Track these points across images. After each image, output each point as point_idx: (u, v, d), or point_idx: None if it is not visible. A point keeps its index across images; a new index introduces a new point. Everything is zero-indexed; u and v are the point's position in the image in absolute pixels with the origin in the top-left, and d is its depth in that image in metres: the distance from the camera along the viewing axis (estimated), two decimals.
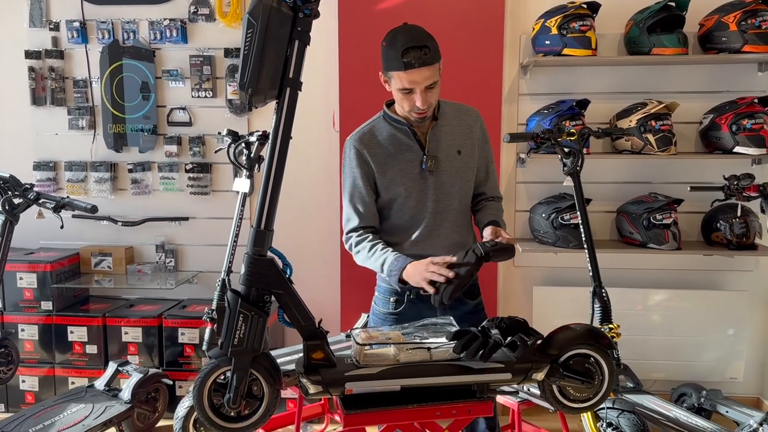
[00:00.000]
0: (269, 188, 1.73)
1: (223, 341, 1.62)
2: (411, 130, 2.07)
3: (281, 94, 1.65)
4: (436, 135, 2.08)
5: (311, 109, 3.50)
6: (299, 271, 3.64)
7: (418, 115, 2.01)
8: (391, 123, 2.10)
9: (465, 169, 2.11)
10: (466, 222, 2.16)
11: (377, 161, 2.07)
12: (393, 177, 2.07)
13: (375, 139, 2.09)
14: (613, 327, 2.41)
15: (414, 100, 1.96)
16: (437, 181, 2.07)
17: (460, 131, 2.11)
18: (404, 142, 2.07)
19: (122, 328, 3.40)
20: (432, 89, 1.96)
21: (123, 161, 3.67)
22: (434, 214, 2.08)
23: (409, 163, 2.07)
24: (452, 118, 2.12)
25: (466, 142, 2.11)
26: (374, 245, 2.04)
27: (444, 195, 2.09)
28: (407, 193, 2.07)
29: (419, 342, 1.79)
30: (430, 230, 2.08)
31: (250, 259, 1.66)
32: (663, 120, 3.15)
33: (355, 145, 2.10)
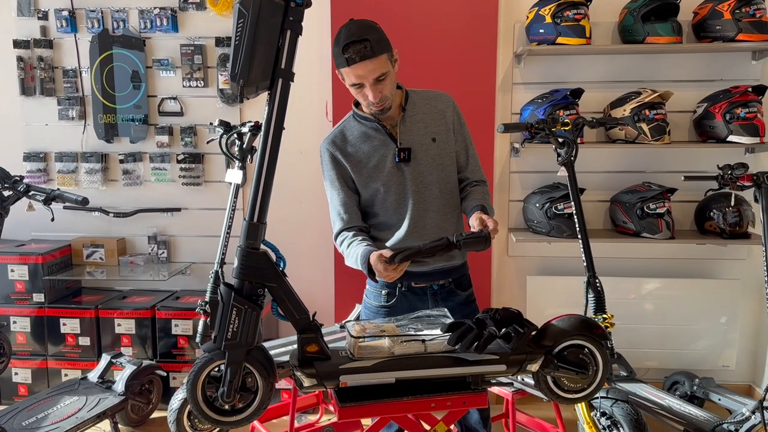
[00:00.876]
0: (262, 180, 1.72)
1: (217, 335, 1.62)
2: (380, 124, 2.07)
3: (273, 85, 1.63)
4: (406, 125, 2.07)
5: (304, 100, 3.48)
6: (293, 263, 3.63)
7: (375, 108, 2.00)
8: (360, 121, 2.10)
9: (442, 156, 2.10)
10: (452, 209, 2.14)
11: (351, 161, 2.08)
12: (369, 174, 2.07)
13: (347, 140, 2.09)
14: (607, 317, 2.41)
15: (366, 94, 1.96)
16: (414, 172, 2.06)
17: (433, 118, 2.10)
18: (376, 138, 2.07)
19: (115, 319, 3.38)
20: (382, 81, 1.94)
21: (114, 152, 3.63)
22: (416, 204, 2.07)
23: (383, 157, 2.06)
24: (422, 106, 2.11)
25: (440, 129, 2.10)
26: (351, 242, 2.03)
27: (423, 185, 2.08)
28: (386, 187, 2.07)
29: (414, 334, 1.79)
30: (416, 222, 2.07)
31: (243, 252, 1.65)
32: (657, 109, 3.15)
33: (328, 148, 2.11)
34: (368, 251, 1.93)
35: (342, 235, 2.10)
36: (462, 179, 2.18)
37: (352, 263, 2.02)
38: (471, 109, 2.21)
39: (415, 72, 3.23)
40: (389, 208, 2.08)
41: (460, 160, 2.16)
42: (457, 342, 1.69)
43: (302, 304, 1.70)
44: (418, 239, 2.04)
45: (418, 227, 2.06)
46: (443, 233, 2.06)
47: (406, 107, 2.08)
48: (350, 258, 2.02)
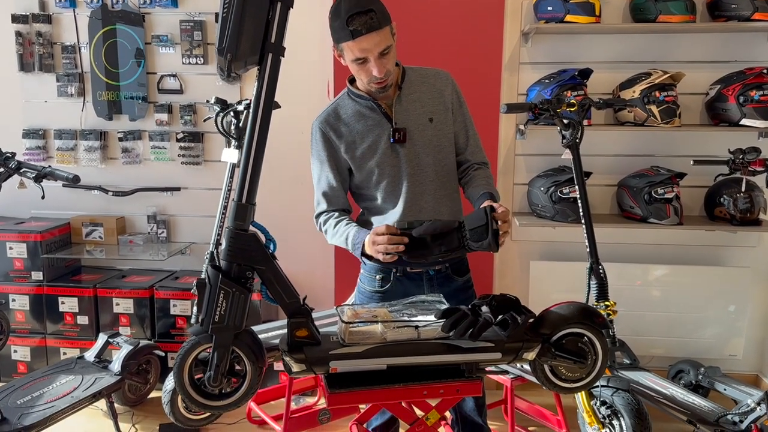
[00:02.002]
0: (251, 160, 1.69)
1: (204, 317, 1.59)
2: (375, 103, 1.98)
3: (263, 60, 1.57)
4: (403, 105, 1.99)
5: (306, 78, 3.42)
6: (293, 243, 3.67)
7: (377, 85, 1.91)
8: (355, 99, 2.02)
9: (440, 137, 2.02)
10: (450, 192, 2.06)
11: (345, 140, 2.00)
12: (363, 154, 2.00)
13: (340, 119, 2.01)
14: (610, 304, 2.35)
15: (370, 69, 1.86)
16: (409, 153, 1.99)
17: (430, 97, 2.01)
18: (370, 117, 1.99)
19: (113, 299, 3.36)
20: (386, 55, 1.85)
21: (113, 129, 3.59)
22: (411, 187, 2.00)
23: (378, 138, 1.98)
24: (419, 84, 2.02)
25: (437, 108, 2.01)
26: (339, 221, 2.00)
27: (418, 167, 2.00)
28: (380, 169, 2.00)
29: (407, 320, 1.74)
30: (410, 205, 2.00)
31: (231, 234, 1.62)
32: (667, 91, 3.05)
33: (320, 127, 2.03)
34: (364, 233, 1.88)
35: (326, 214, 2.06)
36: (462, 161, 2.11)
37: (339, 242, 1.98)
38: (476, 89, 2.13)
39: (417, 50, 3.17)
40: (383, 190, 2.02)
41: (459, 141, 2.09)
42: (451, 329, 1.64)
43: (292, 288, 1.67)
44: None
45: (413, 211, 2.00)
46: (440, 218, 2.00)
47: (402, 85, 2.00)
48: (337, 236, 1.98)
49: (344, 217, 2.02)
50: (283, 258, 3.58)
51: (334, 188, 2.04)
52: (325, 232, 2.05)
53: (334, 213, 2.03)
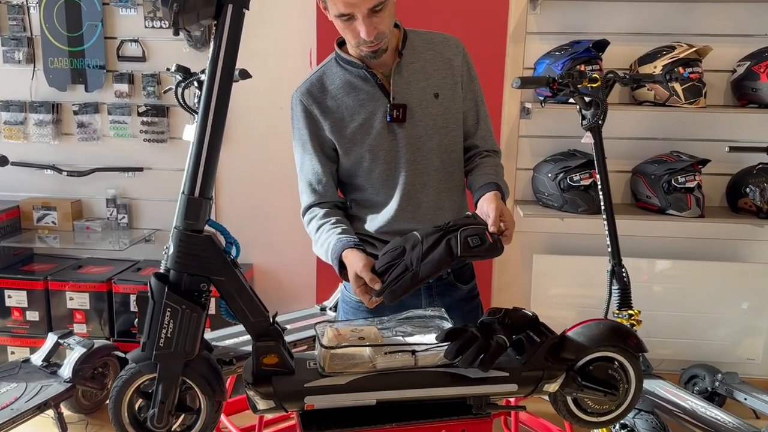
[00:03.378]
0: (205, 142, 1.34)
1: (146, 341, 1.27)
2: (369, 72, 1.62)
3: (220, 12, 1.23)
4: (403, 76, 1.63)
5: (285, 47, 3.10)
6: (271, 234, 3.34)
7: (367, 49, 1.55)
8: (344, 66, 1.65)
9: (446, 117, 1.67)
10: (455, 184, 1.72)
11: (331, 118, 1.64)
12: (352, 136, 1.64)
13: (325, 90, 1.65)
14: (634, 313, 2.04)
15: (357, 29, 1.51)
16: (409, 136, 1.63)
17: (436, 68, 1.66)
18: (362, 89, 1.63)
19: (67, 293, 3.01)
20: (379, 12, 1.49)
21: (68, 102, 3.21)
22: (410, 177, 1.65)
23: (371, 115, 1.62)
24: (424, 51, 1.67)
25: (445, 82, 1.66)
26: (321, 225, 1.63)
27: (420, 152, 1.65)
28: (372, 154, 1.64)
29: (401, 343, 1.42)
30: (408, 199, 1.65)
31: (180, 236, 1.30)
32: (693, 67, 2.77)
33: (301, 99, 1.66)
34: (343, 245, 1.53)
35: (312, 211, 1.69)
36: (469, 147, 1.76)
37: (321, 253, 1.62)
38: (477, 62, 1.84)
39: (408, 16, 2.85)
40: (376, 180, 1.67)
41: (468, 123, 1.73)
42: (457, 355, 1.33)
43: (258, 303, 1.35)
44: (411, 221, 1.64)
45: (411, 206, 1.65)
46: (441, 215, 1.66)
47: (403, 52, 1.64)
48: (319, 245, 1.62)
49: (328, 218, 1.65)
50: (260, 250, 3.35)
51: (319, 176, 1.68)
52: (311, 237, 1.69)
53: (321, 211, 1.67)
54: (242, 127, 3.15)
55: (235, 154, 3.17)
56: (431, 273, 1.40)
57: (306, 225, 1.70)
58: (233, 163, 3.18)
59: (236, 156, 3.17)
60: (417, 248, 1.41)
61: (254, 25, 3.10)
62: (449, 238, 1.39)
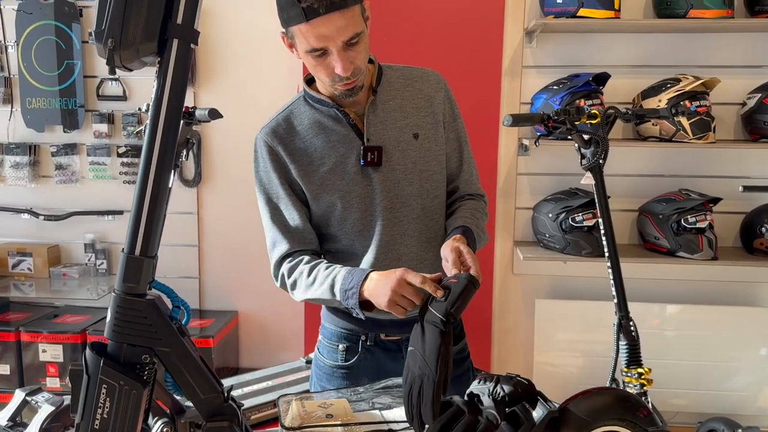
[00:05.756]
0: (147, 192, 1.17)
1: (80, 422, 1.11)
2: (341, 111, 1.47)
3: (164, 48, 1.10)
4: (378, 115, 1.48)
5: (270, 84, 2.98)
6: (256, 280, 3.14)
7: (343, 86, 1.40)
8: (313, 105, 1.50)
9: (427, 159, 1.51)
10: (439, 234, 1.55)
11: (299, 161, 1.48)
12: (322, 181, 1.48)
13: (293, 130, 1.49)
14: (644, 372, 1.84)
15: (331, 65, 1.36)
16: (386, 180, 1.48)
17: (415, 106, 1.52)
18: (333, 130, 1.48)
19: (39, 344, 2.83)
20: (355, 45, 1.35)
21: (45, 143, 3.07)
22: (387, 226, 1.48)
23: (343, 159, 1.47)
24: (401, 87, 1.52)
25: (425, 121, 1.52)
26: (315, 266, 1.44)
27: (398, 199, 1.49)
28: (345, 201, 1.48)
29: (376, 421, 1.24)
30: (387, 251, 1.48)
31: (117, 301, 1.14)
32: (700, 100, 2.61)
33: (266, 140, 1.50)
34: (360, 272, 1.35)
35: (295, 256, 1.49)
36: (451, 191, 1.60)
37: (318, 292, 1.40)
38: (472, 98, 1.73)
39: (401, 51, 2.74)
40: (350, 230, 1.50)
41: (451, 165, 1.58)
42: None
43: (210, 376, 1.18)
44: None
45: (390, 259, 1.48)
46: (424, 268, 1.48)
47: (377, 89, 1.50)
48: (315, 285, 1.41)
49: (321, 261, 1.47)
50: (246, 297, 3.17)
51: (297, 222, 1.50)
52: (291, 286, 1.48)
53: (305, 256, 1.48)
54: (226, 168, 3.00)
55: (218, 196, 3.02)
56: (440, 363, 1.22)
57: (286, 274, 1.48)
58: (216, 206, 3.02)
59: (219, 198, 3.02)
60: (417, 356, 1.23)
61: (238, 61, 2.99)
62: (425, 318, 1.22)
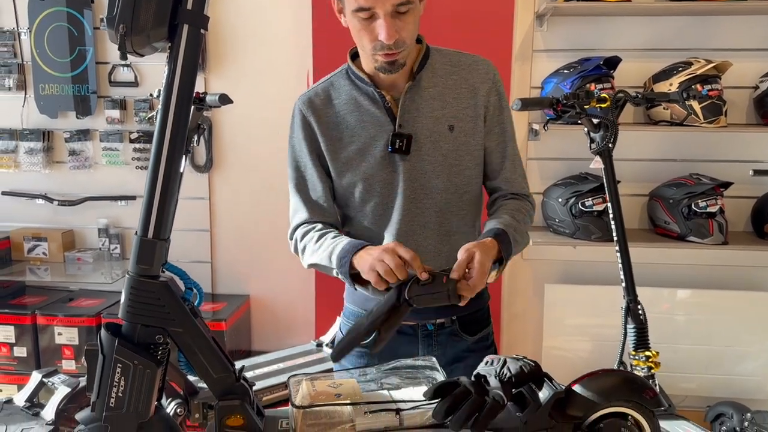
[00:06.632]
0: (160, 175, 1.19)
1: (96, 401, 1.14)
2: (378, 93, 1.45)
3: (175, 34, 1.11)
4: (415, 101, 1.45)
5: (280, 69, 2.97)
6: (268, 265, 3.18)
7: (384, 57, 1.37)
8: (353, 81, 1.48)
9: (459, 153, 1.47)
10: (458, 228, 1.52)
11: (328, 135, 1.47)
12: (348, 160, 1.47)
13: (329, 104, 1.48)
14: (652, 355, 1.85)
15: (376, 30, 1.33)
16: (413, 170, 1.45)
17: (457, 96, 1.47)
18: (367, 110, 1.46)
19: (55, 327, 2.88)
20: (404, 15, 1.32)
21: (59, 129, 3.10)
22: (407, 216, 1.47)
23: (372, 141, 1.45)
24: (444, 74, 1.47)
25: (464, 113, 1.46)
26: (324, 234, 1.44)
27: (423, 190, 1.46)
28: (366, 184, 1.47)
29: (384, 400, 1.26)
30: (404, 240, 1.46)
31: (131, 282, 1.16)
32: (711, 84, 2.60)
33: (301, 109, 1.50)
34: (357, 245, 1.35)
35: (310, 224, 1.49)
36: (492, 189, 1.55)
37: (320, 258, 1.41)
38: None
39: None
40: (369, 214, 1.49)
41: (491, 162, 1.52)
42: (447, 415, 1.17)
43: (222, 356, 1.21)
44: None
45: None
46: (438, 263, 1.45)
47: (419, 74, 1.45)
48: (319, 251, 1.41)
49: (332, 231, 1.46)
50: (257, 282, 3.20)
51: (319, 194, 1.50)
52: (302, 250, 1.48)
53: (319, 225, 1.48)
54: (237, 153, 3.02)
55: (229, 181, 3.04)
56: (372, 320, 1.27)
57: (298, 239, 1.49)
58: (228, 192, 3.05)
59: (231, 184, 3.04)
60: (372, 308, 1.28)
61: (248, 47, 2.99)
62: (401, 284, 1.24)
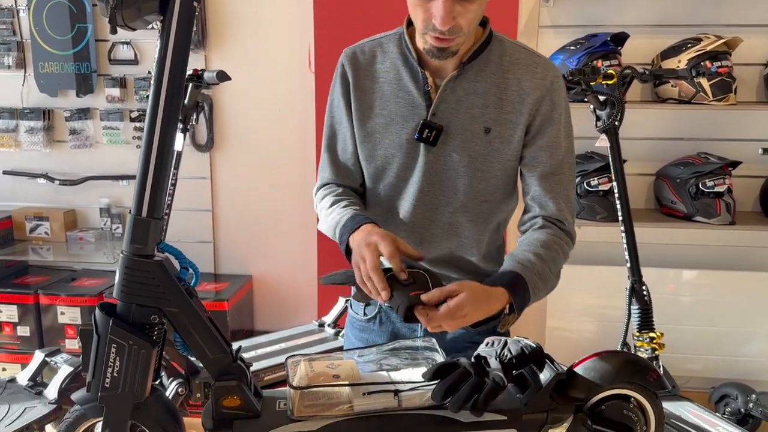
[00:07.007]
0: (153, 153, 1.16)
1: (92, 381, 1.13)
2: (422, 72, 1.34)
3: (167, 6, 1.08)
4: (456, 92, 1.33)
5: (282, 47, 2.93)
6: (269, 242, 3.18)
7: (435, 41, 1.25)
8: (401, 49, 1.37)
9: (489, 160, 1.34)
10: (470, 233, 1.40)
11: (360, 100, 1.38)
12: (372, 131, 1.37)
13: (372, 65, 1.38)
14: (656, 336, 1.84)
15: (431, 10, 1.22)
16: (434, 163, 1.35)
17: (502, 97, 1.32)
18: (405, 86, 1.35)
19: (58, 307, 2.88)
20: (466, 1, 1.21)
21: (59, 108, 3.08)
22: (418, 207, 1.38)
23: (400, 119, 1.35)
24: (497, 70, 1.33)
25: (506, 118, 1.32)
26: (337, 201, 1.37)
27: (440, 184, 1.37)
28: (384, 162, 1.37)
29: (382, 381, 1.24)
30: (411, 230, 1.40)
31: (125, 262, 1.14)
32: (721, 60, 2.56)
33: (344, 62, 1.40)
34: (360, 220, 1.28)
35: (330, 187, 1.43)
36: (527, 208, 1.39)
37: (328, 227, 1.36)
38: None
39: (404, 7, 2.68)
40: (381, 192, 1.42)
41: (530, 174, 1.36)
42: (446, 396, 1.14)
43: (219, 337, 1.19)
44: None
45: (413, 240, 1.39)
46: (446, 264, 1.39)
47: (470, 63, 1.32)
48: (329, 219, 1.36)
49: (349, 197, 1.40)
50: (259, 261, 3.19)
51: (348, 155, 1.42)
52: (319, 211, 1.43)
53: (338, 189, 1.42)
54: (238, 131, 2.99)
55: (231, 161, 3.02)
56: None
57: (318, 200, 1.43)
58: (229, 171, 3.02)
59: (232, 163, 3.02)
60: None
61: (248, 24, 2.95)
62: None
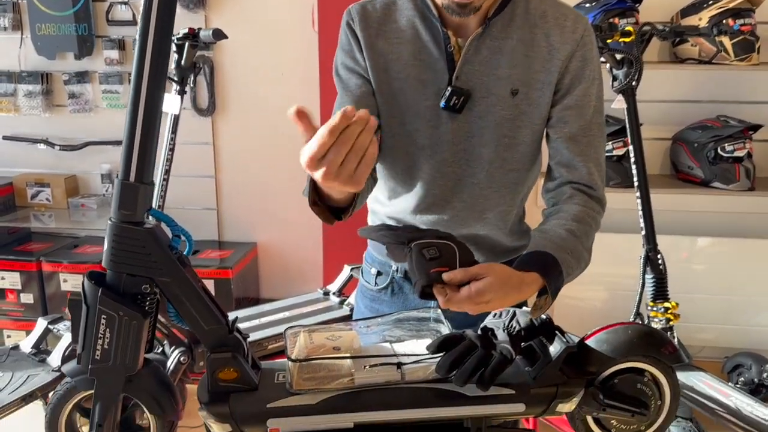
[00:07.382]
0: (140, 114, 1.11)
1: (82, 353, 1.09)
2: (444, 32, 1.21)
3: None
4: (480, 52, 1.21)
5: (284, 8, 2.84)
6: (275, 211, 3.12)
7: None
8: (419, 7, 1.24)
9: (517, 125, 1.23)
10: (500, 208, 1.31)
11: (375, 61, 1.24)
12: (389, 97, 1.25)
13: (385, 24, 1.24)
14: (670, 306, 1.78)
15: None
16: (459, 131, 1.23)
17: (529, 54, 1.21)
18: (425, 49, 1.23)
19: (60, 274, 2.86)
20: None
21: (57, 71, 3.01)
22: (440, 179, 1.28)
23: (422, 87, 1.23)
24: (523, 25, 1.22)
25: (535, 78, 1.21)
26: None
27: (462, 155, 1.25)
28: (402, 129, 1.26)
29: (384, 354, 1.19)
30: (432, 204, 1.30)
31: (114, 229, 1.08)
32: (744, 18, 2.47)
33: (351, 18, 1.25)
34: None
35: None
36: (555, 175, 1.26)
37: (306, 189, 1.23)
38: None
39: None
40: (398, 163, 1.30)
41: (558, 136, 1.25)
42: (451, 369, 1.09)
43: (214, 307, 1.14)
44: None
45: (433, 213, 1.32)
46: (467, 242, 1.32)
47: (494, 18, 1.20)
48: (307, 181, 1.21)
49: None
50: (264, 228, 3.14)
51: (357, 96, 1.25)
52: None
53: None
54: (240, 95, 2.92)
55: (233, 125, 2.95)
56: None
57: None
58: (232, 136, 2.96)
59: (235, 128, 2.95)
60: None
61: None
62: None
